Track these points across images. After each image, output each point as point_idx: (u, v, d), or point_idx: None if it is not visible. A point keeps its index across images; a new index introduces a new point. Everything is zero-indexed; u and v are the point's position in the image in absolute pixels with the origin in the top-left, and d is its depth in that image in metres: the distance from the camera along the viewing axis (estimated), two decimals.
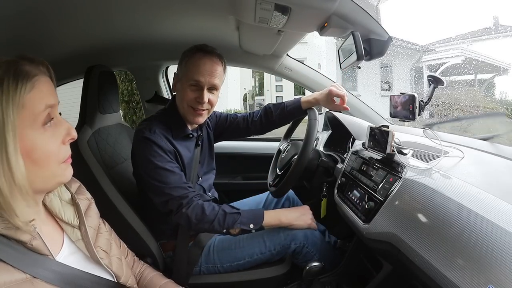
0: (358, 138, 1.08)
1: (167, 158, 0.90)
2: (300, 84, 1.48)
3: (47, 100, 0.45)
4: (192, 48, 0.94)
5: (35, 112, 0.43)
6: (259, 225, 0.93)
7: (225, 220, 0.90)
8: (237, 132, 1.21)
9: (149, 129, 0.90)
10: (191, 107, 0.93)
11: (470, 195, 0.55)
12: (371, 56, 0.89)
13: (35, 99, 0.43)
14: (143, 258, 0.85)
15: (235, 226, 0.90)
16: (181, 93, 0.93)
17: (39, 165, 0.44)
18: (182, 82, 0.93)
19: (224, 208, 0.92)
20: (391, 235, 0.65)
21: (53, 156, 0.45)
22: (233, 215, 0.91)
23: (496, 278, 0.43)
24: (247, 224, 0.91)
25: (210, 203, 0.92)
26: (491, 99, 5.16)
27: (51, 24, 0.88)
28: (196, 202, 0.90)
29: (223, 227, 0.90)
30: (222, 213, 0.90)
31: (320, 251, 1.01)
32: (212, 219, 0.89)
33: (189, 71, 0.91)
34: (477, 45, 7.07)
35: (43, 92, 0.45)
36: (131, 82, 4.61)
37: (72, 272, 0.49)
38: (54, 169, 0.46)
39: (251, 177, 1.68)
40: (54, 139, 0.46)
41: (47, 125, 0.45)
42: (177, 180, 0.89)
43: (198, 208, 0.89)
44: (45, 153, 0.44)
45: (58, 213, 0.53)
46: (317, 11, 0.78)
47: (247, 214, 0.93)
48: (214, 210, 0.90)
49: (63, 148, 0.48)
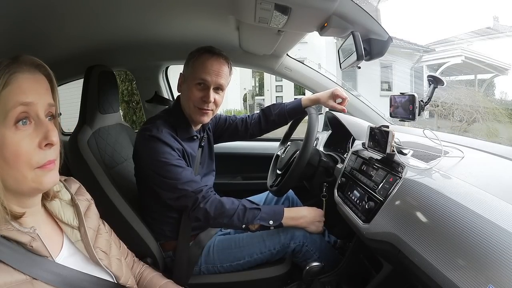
0: (358, 138, 1.08)
1: (175, 155, 0.90)
2: (300, 84, 1.48)
3: (23, 97, 0.42)
4: (200, 49, 0.94)
5: (6, 108, 0.41)
6: (279, 222, 0.92)
7: (245, 215, 0.89)
8: (236, 135, 1.21)
9: (156, 128, 0.90)
10: (196, 107, 0.93)
11: (470, 195, 0.55)
12: (371, 56, 0.89)
13: (9, 95, 0.41)
14: (143, 258, 0.85)
15: (254, 221, 0.90)
16: (187, 93, 0.93)
17: (8, 164, 0.42)
18: (188, 82, 0.93)
19: (244, 203, 0.92)
20: (391, 235, 0.65)
21: (23, 158, 0.42)
22: (253, 211, 0.90)
23: (496, 278, 0.43)
24: (267, 220, 0.91)
25: (229, 198, 0.92)
26: (491, 99, 5.16)
27: (51, 24, 0.88)
28: (214, 196, 0.90)
29: (243, 222, 0.90)
30: (242, 208, 0.90)
31: (319, 250, 1.01)
32: (232, 213, 0.89)
33: (196, 71, 0.91)
34: (477, 45, 7.07)
35: (20, 88, 0.42)
36: (131, 82, 4.61)
37: (72, 273, 0.49)
38: (25, 173, 0.43)
39: (251, 177, 1.67)
40: (29, 140, 0.43)
41: (21, 124, 0.42)
42: (188, 175, 0.89)
43: (217, 202, 0.89)
44: (14, 154, 0.42)
45: (58, 214, 0.53)
46: (317, 11, 0.78)
47: (267, 210, 0.93)
48: (234, 205, 0.90)
49: (39, 152, 0.44)
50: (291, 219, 0.95)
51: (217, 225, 0.95)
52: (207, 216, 0.88)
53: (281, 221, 0.93)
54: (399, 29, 18.36)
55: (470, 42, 7.20)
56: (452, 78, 6.39)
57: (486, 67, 6.25)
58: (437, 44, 8.34)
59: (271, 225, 0.92)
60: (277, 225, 0.93)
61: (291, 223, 0.96)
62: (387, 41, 0.88)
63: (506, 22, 7.43)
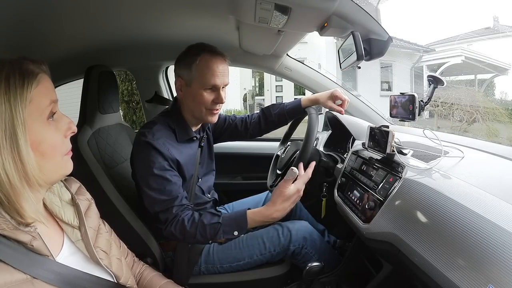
0: (358, 138, 1.08)
1: (166, 166, 0.88)
2: (300, 84, 1.48)
3: (51, 95, 0.48)
4: (196, 50, 0.90)
5: (41, 106, 0.46)
6: (244, 230, 0.87)
7: (206, 232, 0.85)
8: (235, 135, 1.20)
9: (152, 133, 0.89)
10: (209, 109, 0.93)
11: (470, 195, 0.55)
12: (371, 56, 0.88)
13: (41, 95, 0.46)
14: (143, 258, 0.85)
15: (217, 237, 0.85)
16: (196, 97, 0.91)
17: (46, 157, 0.46)
18: (195, 86, 0.90)
19: (203, 219, 0.86)
20: (391, 235, 0.65)
21: (58, 148, 0.48)
22: (213, 225, 0.85)
23: (496, 278, 0.43)
24: (230, 232, 0.86)
25: (192, 215, 0.87)
26: (491, 99, 5.16)
27: (51, 24, 0.88)
28: (179, 218, 0.86)
29: (207, 238, 0.86)
30: (201, 225, 0.85)
31: (319, 252, 1.01)
32: (194, 232, 0.84)
33: (203, 76, 0.89)
34: (477, 45, 7.07)
35: (47, 88, 0.47)
36: (131, 82, 4.62)
37: (72, 272, 0.49)
38: (59, 161, 0.49)
39: (251, 177, 1.68)
40: (58, 132, 0.49)
41: (50, 119, 0.48)
42: (171, 191, 0.86)
43: (180, 223, 0.85)
44: (51, 145, 0.47)
45: (58, 214, 0.53)
46: (317, 11, 0.77)
47: (229, 221, 0.86)
48: (194, 223, 0.85)
49: (65, 141, 0.50)
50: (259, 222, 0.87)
51: (190, 244, 0.94)
52: (176, 238, 0.86)
53: (246, 229, 0.86)
54: (399, 29, 18.36)
55: (470, 42, 7.20)
56: (452, 78, 6.39)
57: (486, 67, 6.25)
58: (437, 44, 8.34)
59: (236, 236, 0.86)
60: (244, 233, 0.88)
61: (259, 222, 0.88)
62: (387, 41, 0.88)
63: (506, 22, 7.43)
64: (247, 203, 1.24)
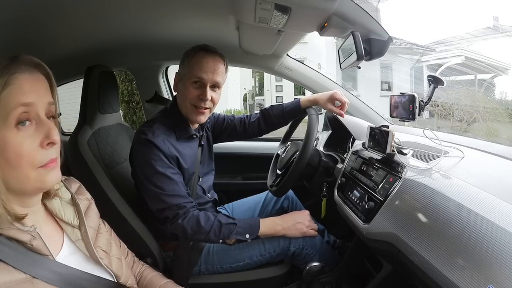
0: (358, 138, 1.08)
1: (168, 163, 0.89)
2: (300, 84, 1.48)
3: (23, 98, 0.42)
4: (195, 48, 0.94)
5: (7, 109, 0.41)
6: (255, 235, 0.92)
7: (221, 231, 0.89)
8: (234, 135, 1.20)
9: (152, 131, 0.89)
10: (193, 105, 0.93)
11: (470, 195, 0.55)
12: (371, 56, 0.88)
13: (9, 96, 0.41)
14: (143, 258, 0.85)
15: (231, 237, 0.90)
16: (184, 92, 0.93)
17: (10, 165, 0.42)
18: (184, 80, 0.93)
19: (220, 218, 0.91)
20: (391, 235, 0.65)
21: (26, 158, 0.42)
22: (229, 226, 0.90)
23: (496, 278, 0.43)
24: (243, 234, 0.91)
25: (206, 214, 0.91)
26: (491, 99, 5.16)
27: (51, 24, 0.88)
28: (192, 213, 0.89)
29: (219, 238, 0.90)
30: (217, 224, 0.90)
31: (319, 253, 1.01)
32: (208, 230, 0.88)
33: (192, 69, 0.91)
34: (477, 45, 7.07)
35: (20, 89, 0.42)
36: (131, 82, 4.61)
37: (72, 272, 0.49)
38: (28, 173, 0.43)
39: (251, 177, 1.67)
40: (30, 140, 0.43)
41: (22, 125, 0.42)
42: (175, 188, 0.88)
43: (194, 219, 0.88)
44: (17, 154, 0.42)
45: (58, 213, 0.53)
46: (317, 11, 0.77)
47: (243, 224, 0.93)
48: (210, 221, 0.89)
49: (41, 152, 0.44)
50: (269, 230, 0.95)
51: (197, 241, 0.95)
52: (185, 232, 0.88)
53: (257, 234, 0.93)
54: (399, 29, 18.36)
55: (470, 42, 7.20)
56: (452, 78, 6.39)
57: (486, 67, 6.25)
58: (437, 44, 8.34)
59: (247, 239, 0.92)
60: (254, 238, 0.93)
61: (269, 233, 0.95)
62: (387, 41, 0.88)
63: (506, 22, 7.42)
64: (247, 203, 1.24)
